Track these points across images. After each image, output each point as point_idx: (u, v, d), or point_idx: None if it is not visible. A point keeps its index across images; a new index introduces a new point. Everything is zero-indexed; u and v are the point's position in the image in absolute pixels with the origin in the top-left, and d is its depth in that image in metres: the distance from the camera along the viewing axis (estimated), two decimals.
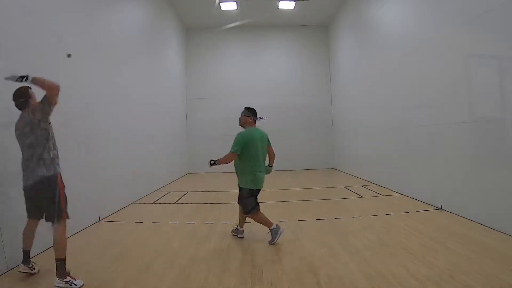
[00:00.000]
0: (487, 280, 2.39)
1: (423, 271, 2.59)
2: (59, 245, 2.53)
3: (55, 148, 2.70)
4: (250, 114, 3.78)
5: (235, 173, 3.74)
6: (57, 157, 2.70)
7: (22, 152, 2.62)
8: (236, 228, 3.73)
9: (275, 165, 3.90)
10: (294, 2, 9.32)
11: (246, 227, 3.77)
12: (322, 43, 11.16)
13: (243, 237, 3.66)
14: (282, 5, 9.46)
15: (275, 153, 3.80)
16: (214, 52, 11.04)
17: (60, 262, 2.50)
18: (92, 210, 4.39)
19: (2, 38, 2.91)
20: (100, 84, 4.75)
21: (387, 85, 6.47)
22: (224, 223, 4.32)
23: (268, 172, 3.70)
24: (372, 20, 7.21)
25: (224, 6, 9.34)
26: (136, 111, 6.17)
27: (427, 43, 4.93)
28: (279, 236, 3.38)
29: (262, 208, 3.55)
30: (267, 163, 3.73)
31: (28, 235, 2.69)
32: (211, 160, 3.37)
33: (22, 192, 2.68)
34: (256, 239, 3.62)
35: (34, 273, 2.68)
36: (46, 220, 2.59)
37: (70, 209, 2.92)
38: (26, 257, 2.68)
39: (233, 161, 3.53)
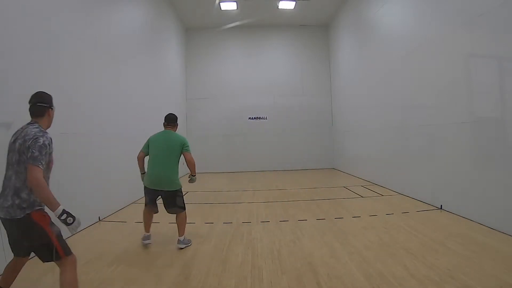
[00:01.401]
0: (487, 280, 2.39)
1: (423, 271, 2.59)
2: None
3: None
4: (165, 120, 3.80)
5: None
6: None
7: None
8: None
9: (275, 165, 3.90)
10: (294, 2, 9.32)
11: (246, 227, 3.76)
12: (322, 43, 11.17)
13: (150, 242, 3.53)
14: (282, 5, 9.47)
15: (193, 161, 3.46)
16: (214, 52, 11.05)
17: None
18: (92, 210, 4.39)
19: (2, 38, 2.91)
20: (100, 84, 4.75)
21: (387, 85, 6.47)
22: (224, 223, 4.32)
23: (190, 181, 3.61)
24: (372, 20, 7.21)
25: (224, 6, 9.34)
26: (136, 111, 6.17)
27: (427, 43, 4.93)
28: (145, 243, 3.48)
29: (262, 207, 3.54)
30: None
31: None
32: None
33: None
34: (256, 239, 3.62)
35: None
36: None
37: (70, 209, 2.90)
38: None
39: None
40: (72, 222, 1.89)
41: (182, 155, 3.47)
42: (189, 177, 3.63)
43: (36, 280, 2.64)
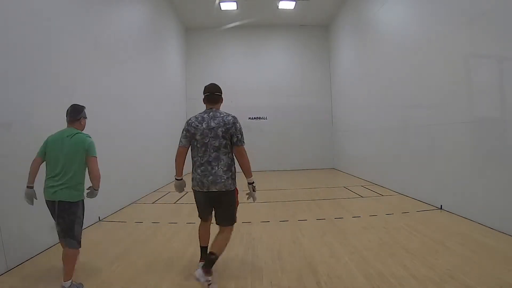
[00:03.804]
0: (487, 280, 2.39)
1: (423, 271, 2.59)
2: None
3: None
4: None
5: None
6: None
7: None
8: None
9: (275, 165, 3.90)
10: (294, 2, 9.32)
11: (246, 227, 3.75)
12: (322, 43, 11.16)
13: None
14: (282, 5, 9.47)
15: (96, 171, 2.59)
16: (214, 52, 11.04)
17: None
18: (92, 210, 4.38)
19: (2, 38, 2.91)
20: (100, 84, 4.75)
21: (387, 85, 6.47)
22: None
23: (89, 195, 2.68)
24: (372, 20, 7.21)
25: (224, 6, 9.34)
26: (136, 111, 6.17)
27: (427, 43, 4.93)
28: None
29: (262, 207, 3.54)
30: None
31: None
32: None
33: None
34: (256, 239, 3.62)
35: None
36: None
37: None
38: None
39: None
40: None
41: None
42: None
43: (38, 278, 2.63)
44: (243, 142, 2.57)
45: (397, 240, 3.39)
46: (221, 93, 2.78)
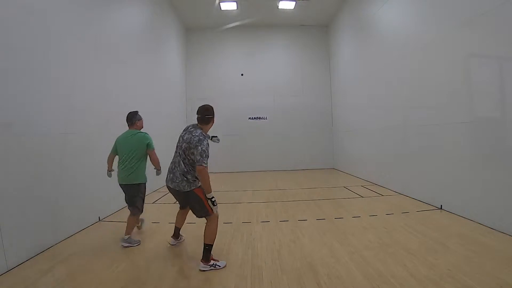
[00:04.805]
0: (487, 280, 2.39)
1: (423, 271, 2.59)
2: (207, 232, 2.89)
3: None
4: None
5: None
6: None
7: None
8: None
9: (275, 165, 3.96)
10: (294, 2, 9.32)
11: (246, 227, 3.75)
12: (322, 43, 11.16)
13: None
14: (282, 5, 9.46)
15: (155, 157, 3.68)
16: (214, 52, 11.04)
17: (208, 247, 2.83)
18: (92, 210, 4.39)
19: (2, 38, 2.91)
20: (100, 84, 4.75)
21: (387, 85, 6.47)
22: (224, 223, 4.31)
23: (158, 174, 3.82)
24: (372, 20, 7.21)
25: (224, 6, 9.34)
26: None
27: (427, 43, 4.93)
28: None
29: (262, 207, 3.54)
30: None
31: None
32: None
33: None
34: (256, 239, 3.62)
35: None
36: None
37: (70, 209, 2.89)
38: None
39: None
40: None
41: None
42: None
43: (36, 280, 2.64)
44: (203, 163, 2.78)
45: (397, 240, 3.39)
46: (211, 115, 3.13)
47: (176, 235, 3.51)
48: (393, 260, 2.85)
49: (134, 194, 3.54)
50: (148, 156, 3.64)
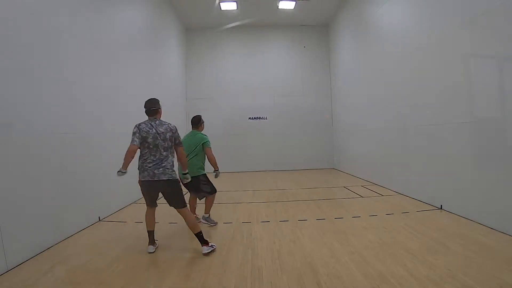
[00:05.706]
0: (487, 280, 2.39)
1: (423, 271, 2.59)
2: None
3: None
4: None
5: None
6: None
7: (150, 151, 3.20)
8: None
9: (275, 165, 4.01)
10: (294, 2, 9.32)
11: (246, 226, 3.76)
12: (322, 43, 11.16)
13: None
14: (282, 5, 9.46)
15: (212, 158, 4.18)
16: (214, 52, 11.04)
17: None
18: (92, 210, 4.39)
19: (2, 38, 2.90)
20: (100, 84, 4.75)
21: (387, 85, 6.47)
22: (224, 223, 4.32)
23: (216, 176, 4.30)
24: (372, 20, 7.21)
25: (224, 6, 9.34)
26: (136, 111, 6.13)
27: (427, 43, 4.93)
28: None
29: (262, 207, 3.54)
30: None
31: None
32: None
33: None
34: (256, 239, 3.62)
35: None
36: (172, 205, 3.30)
37: (70, 209, 2.88)
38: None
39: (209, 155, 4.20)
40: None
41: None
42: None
43: (36, 280, 2.64)
44: (182, 143, 3.42)
45: (397, 240, 3.39)
46: (157, 106, 3.45)
47: (152, 240, 3.40)
48: (393, 260, 2.85)
49: (200, 183, 4.14)
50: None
